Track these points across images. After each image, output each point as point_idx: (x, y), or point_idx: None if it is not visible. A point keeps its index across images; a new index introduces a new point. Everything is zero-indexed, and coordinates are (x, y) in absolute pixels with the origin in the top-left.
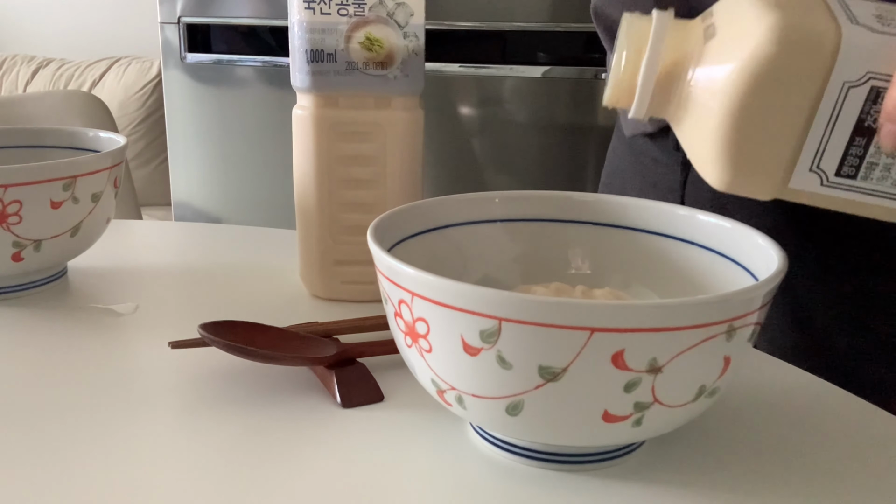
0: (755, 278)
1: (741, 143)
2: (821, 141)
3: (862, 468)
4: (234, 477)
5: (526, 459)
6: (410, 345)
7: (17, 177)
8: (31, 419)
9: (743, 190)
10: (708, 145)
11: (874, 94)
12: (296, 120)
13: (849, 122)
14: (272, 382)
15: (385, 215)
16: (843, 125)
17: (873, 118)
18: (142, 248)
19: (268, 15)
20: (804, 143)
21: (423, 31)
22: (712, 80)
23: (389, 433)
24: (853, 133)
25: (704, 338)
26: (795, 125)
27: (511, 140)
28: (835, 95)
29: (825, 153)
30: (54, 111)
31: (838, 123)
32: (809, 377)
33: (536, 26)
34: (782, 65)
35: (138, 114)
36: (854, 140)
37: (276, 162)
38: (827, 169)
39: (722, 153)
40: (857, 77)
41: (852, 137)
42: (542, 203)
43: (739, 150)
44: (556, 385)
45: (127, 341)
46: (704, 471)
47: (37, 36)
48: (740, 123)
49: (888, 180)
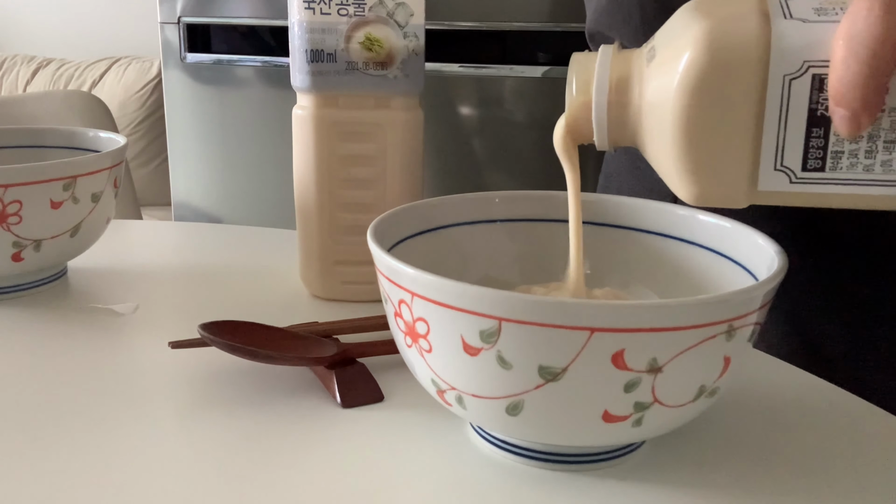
0: (755, 278)
1: (697, 153)
2: (777, 138)
3: (862, 468)
4: (234, 477)
5: (526, 459)
6: (410, 345)
7: (17, 177)
8: (31, 419)
9: (716, 201)
10: (669, 163)
11: (818, 81)
12: (296, 120)
13: (801, 115)
14: (272, 382)
15: (385, 215)
16: (796, 118)
17: (824, 106)
18: (142, 248)
19: (268, 15)
20: (761, 144)
21: (423, 31)
22: (658, 99)
23: (389, 433)
24: (808, 125)
25: (704, 338)
26: (745, 126)
27: (511, 140)
28: (778, 90)
29: (785, 150)
30: (54, 111)
31: (790, 117)
32: (809, 377)
33: (536, 26)
34: (716, 69)
35: (138, 114)
36: (811, 132)
37: (276, 162)
38: (792, 166)
39: (682, 168)
40: (795, 69)
41: (808, 129)
42: (542, 203)
43: (697, 161)
44: (556, 385)
45: (127, 341)
46: (704, 471)
47: (37, 36)
48: (690, 134)
49: (858, 166)
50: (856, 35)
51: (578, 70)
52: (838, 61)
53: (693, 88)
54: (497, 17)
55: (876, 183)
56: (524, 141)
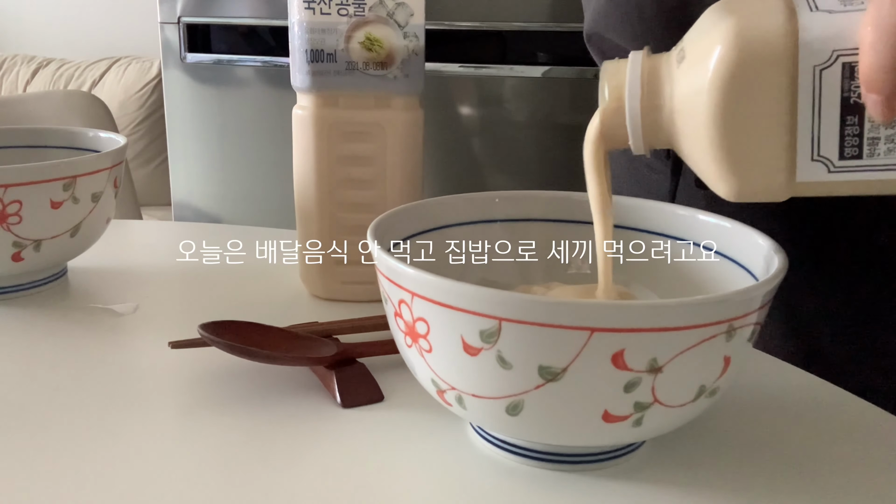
0: (755, 278)
1: (733, 149)
2: (812, 128)
3: (863, 468)
4: (234, 477)
5: (526, 459)
6: (410, 345)
7: (17, 177)
8: (32, 419)
9: (755, 196)
10: (707, 161)
11: (848, 70)
12: (296, 120)
13: (834, 104)
14: (272, 382)
15: (385, 215)
16: (830, 108)
17: (857, 94)
18: (142, 248)
19: (268, 15)
20: (796, 135)
21: (423, 31)
22: (690, 98)
23: (389, 433)
24: (842, 113)
25: (704, 338)
26: (779, 118)
27: (511, 140)
28: (809, 81)
29: (822, 140)
30: (54, 111)
31: (824, 107)
32: (809, 377)
33: (536, 26)
34: (746, 64)
35: (138, 114)
36: (846, 119)
37: (276, 162)
38: (829, 155)
39: (719, 164)
40: (824, 59)
41: (843, 117)
42: (542, 203)
43: (734, 158)
44: (556, 385)
45: (127, 341)
46: (704, 471)
47: (37, 36)
48: (724, 130)
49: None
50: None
51: (610, 77)
52: (867, 47)
53: (724, 85)
54: (497, 17)
55: None
56: (524, 141)
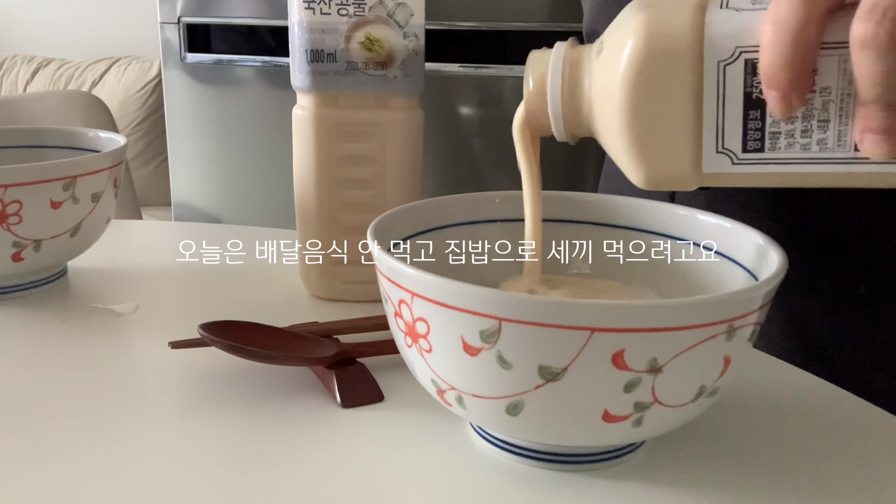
0: (755, 278)
1: (642, 139)
2: (717, 121)
3: (863, 468)
4: (234, 477)
5: (526, 459)
6: (410, 345)
7: (17, 177)
8: (32, 419)
9: (665, 184)
10: (620, 150)
11: (751, 66)
12: (296, 120)
13: (737, 98)
14: (272, 382)
15: (385, 215)
16: (733, 102)
17: (758, 90)
18: (142, 248)
19: (268, 15)
20: (702, 128)
21: (423, 31)
22: (605, 89)
23: (389, 433)
24: (745, 107)
25: (704, 338)
26: (685, 111)
27: (511, 140)
28: (714, 76)
29: (725, 133)
30: (54, 111)
31: (727, 102)
32: (810, 377)
33: (536, 26)
34: (654, 58)
35: (138, 114)
36: (749, 114)
37: (276, 162)
38: (733, 147)
39: (630, 153)
40: (728, 55)
41: (746, 112)
42: (543, 203)
43: (644, 147)
44: (556, 385)
45: (127, 341)
46: (704, 471)
47: (37, 36)
48: (634, 122)
49: (796, 146)
50: (780, 18)
51: (534, 65)
52: (766, 45)
53: (634, 77)
54: (497, 17)
55: (814, 161)
56: None
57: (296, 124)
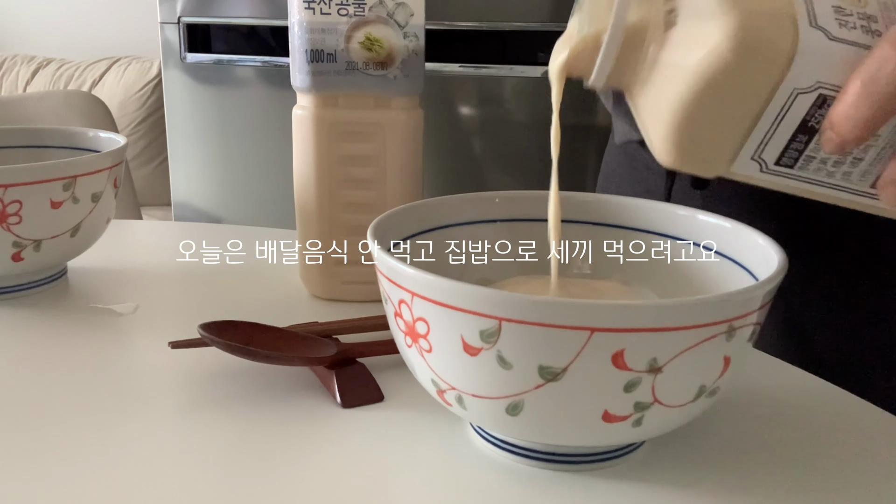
0: (755, 278)
1: (690, 132)
2: (765, 135)
3: (862, 468)
4: (234, 477)
5: (526, 459)
6: (410, 345)
7: (17, 177)
8: (31, 419)
9: (688, 167)
10: (659, 126)
11: (821, 100)
12: (296, 120)
13: (794, 122)
14: (272, 382)
15: (385, 215)
16: (789, 123)
17: (817, 120)
18: (142, 248)
19: (268, 15)
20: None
21: (423, 31)
22: (672, 68)
23: (389, 433)
24: (797, 131)
25: (704, 338)
26: (743, 122)
27: (511, 140)
28: (784, 99)
29: (768, 145)
30: (54, 111)
31: (784, 121)
32: (809, 377)
33: (536, 26)
34: (736, 70)
35: (138, 114)
36: (796, 137)
37: (276, 162)
38: (767, 158)
39: (671, 137)
40: (807, 85)
41: (795, 135)
42: (542, 203)
43: (688, 138)
44: (556, 385)
45: (127, 341)
46: (704, 471)
47: (37, 36)
48: (691, 116)
49: (822, 171)
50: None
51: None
52: (849, 97)
53: (710, 78)
54: (497, 17)
55: (833, 186)
56: (524, 141)
57: (296, 124)
